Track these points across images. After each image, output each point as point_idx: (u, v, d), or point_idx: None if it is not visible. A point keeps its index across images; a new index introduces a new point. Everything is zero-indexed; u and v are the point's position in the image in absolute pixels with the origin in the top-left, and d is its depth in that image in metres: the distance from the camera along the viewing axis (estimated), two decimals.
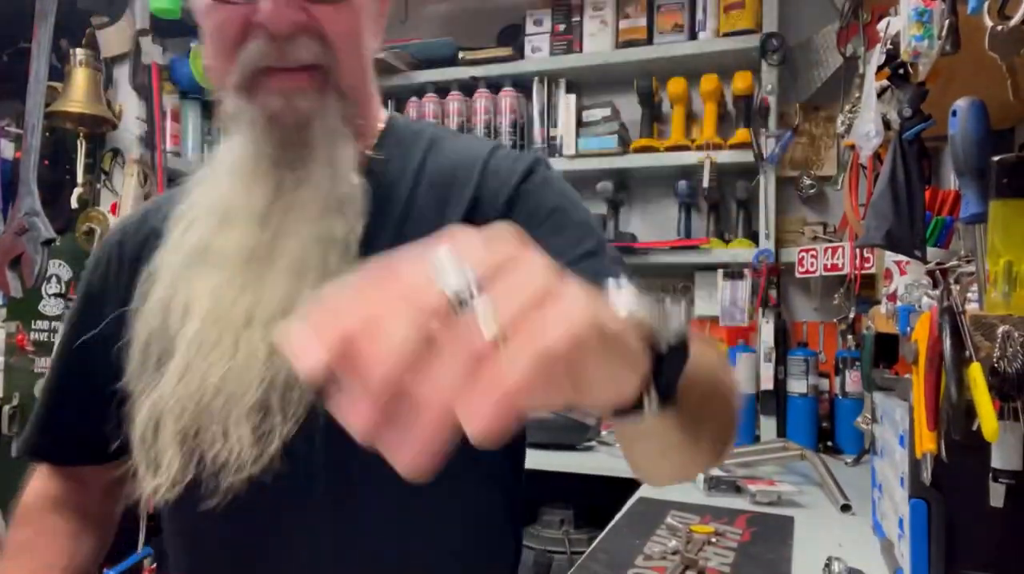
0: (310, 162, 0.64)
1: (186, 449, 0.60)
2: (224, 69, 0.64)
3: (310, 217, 0.63)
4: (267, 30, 0.61)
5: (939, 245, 1.33)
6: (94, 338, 0.70)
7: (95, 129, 2.18)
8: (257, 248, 0.62)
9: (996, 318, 0.75)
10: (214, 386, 0.59)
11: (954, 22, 0.88)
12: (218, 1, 0.62)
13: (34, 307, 2.26)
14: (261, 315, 0.59)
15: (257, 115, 0.63)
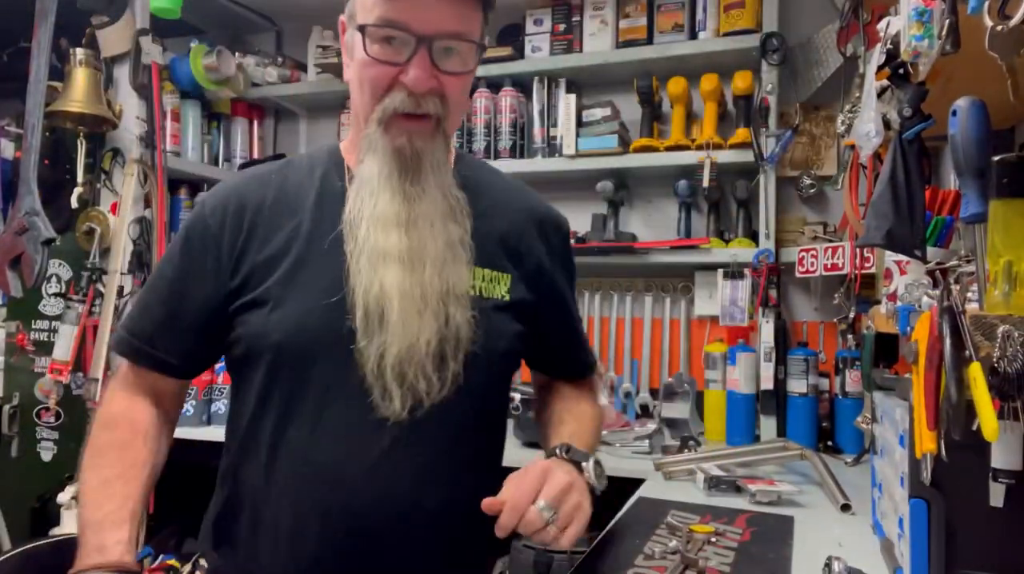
0: (423, 182, 0.91)
1: (403, 386, 0.87)
2: (370, 107, 0.90)
3: (436, 226, 0.91)
4: (408, 88, 0.87)
5: (939, 245, 1.33)
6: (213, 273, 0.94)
7: (95, 129, 2.18)
8: (411, 250, 0.89)
9: (996, 318, 0.75)
10: (418, 343, 0.87)
11: (954, 22, 0.88)
12: (378, 61, 0.87)
13: (34, 307, 2.26)
14: (430, 297, 0.88)
15: (388, 145, 0.89)
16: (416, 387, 0.88)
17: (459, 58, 0.90)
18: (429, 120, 0.90)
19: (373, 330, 0.87)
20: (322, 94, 2.67)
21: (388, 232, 0.88)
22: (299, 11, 2.73)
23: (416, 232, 0.89)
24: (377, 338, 0.87)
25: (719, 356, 2.12)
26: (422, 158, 0.90)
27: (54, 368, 2.09)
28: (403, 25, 0.86)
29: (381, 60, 0.87)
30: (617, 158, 2.24)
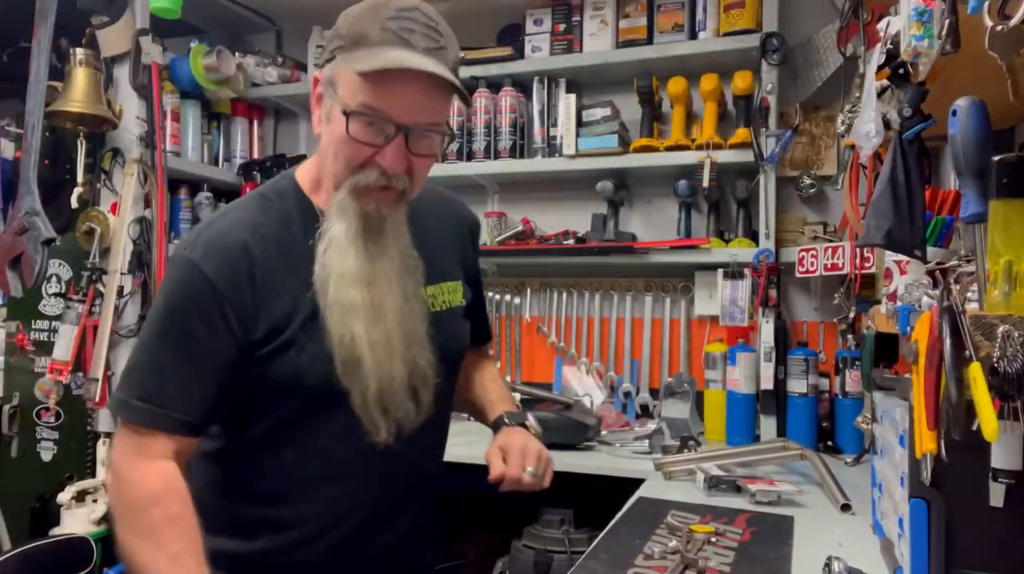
0: (384, 242, 1.01)
1: (387, 416, 1.01)
2: (343, 177, 0.98)
3: (394, 283, 1.02)
4: (382, 168, 0.96)
5: (939, 245, 1.33)
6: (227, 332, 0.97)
7: (95, 129, 2.18)
8: (373, 303, 0.99)
9: (996, 318, 0.75)
10: (393, 382, 1.00)
11: (954, 22, 0.88)
12: (357, 141, 0.95)
13: (34, 307, 2.26)
14: (394, 343, 1.01)
15: (358, 210, 0.98)
16: (398, 417, 1.02)
17: (430, 142, 0.99)
18: (394, 192, 1.00)
19: (352, 373, 0.98)
20: None
21: (352, 287, 0.98)
22: (299, 11, 2.73)
23: (376, 289, 1.00)
24: (357, 380, 0.98)
25: (719, 356, 2.12)
26: (385, 222, 1.01)
27: (54, 368, 2.09)
28: (385, 115, 0.94)
29: (361, 141, 0.95)
30: (617, 158, 2.24)
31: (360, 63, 0.92)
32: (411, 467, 1.08)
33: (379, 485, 1.06)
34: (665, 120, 2.36)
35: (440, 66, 0.94)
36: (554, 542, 1.88)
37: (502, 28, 2.52)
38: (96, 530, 2.05)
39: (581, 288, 2.47)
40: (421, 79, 0.93)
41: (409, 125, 0.95)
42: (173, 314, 0.98)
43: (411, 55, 0.92)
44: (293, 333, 0.99)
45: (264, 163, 2.66)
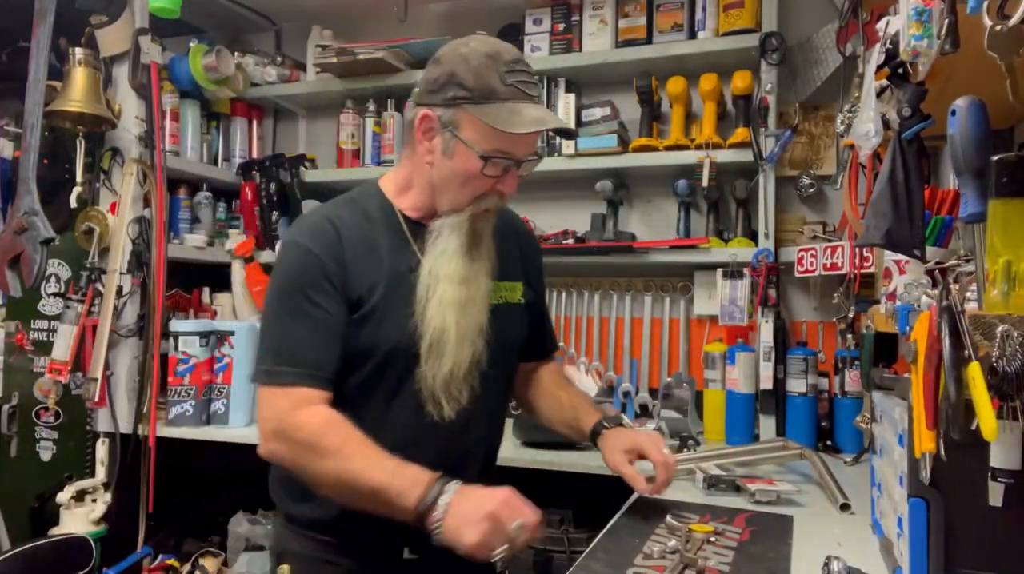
0: (481, 247, 1.21)
1: (451, 397, 1.18)
2: (466, 203, 1.18)
3: (481, 281, 1.21)
4: (501, 193, 1.20)
5: (938, 244, 1.33)
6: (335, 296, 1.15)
7: (94, 128, 2.18)
8: (465, 299, 1.18)
9: (995, 317, 0.75)
10: (462, 366, 1.18)
11: (953, 21, 0.88)
12: (487, 177, 1.17)
13: (33, 306, 2.26)
14: (472, 331, 1.19)
15: (469, 229, 1.19)
16: (457, 398, 1.19)
17: (528, 164, 1.23)
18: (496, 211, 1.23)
19: (433, 356, 1.16)
20: (321, 94, 2.67)
21: (455, 286, 1.17)
22: (299, 11, 2.73)
23: (472, 286, 1.19)
24: (433, 363, 1.16)
25: (718, 356, 2.12)
26: (484, 233, 1.22)
27: (53, 368, 2.09)
28: (512, 155, 1.17)
29: (491, 176, 1.17)
30: (616, 158, 2.24)
31: (502, 122, 1.12)
32: (469, 445, 1.21)
33: (439, 460, 1.14)
34: (664, 120, 2.36)
35: (555, 115, 1.27)
36: (554, 541, 1.88)
37: (501, 28, 2.52)
38: (95, 530, 2.05)
39: (580, 288, 2.47)
40: (539, 127, 1.16)
41: (523, 159, 1.19)
42: (292, 289, 1.16)
43: (539, 112, 1.17)
44: (373, 305, 1.16)
45: (263, 163, 2.66)
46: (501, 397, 1.36)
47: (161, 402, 2.19)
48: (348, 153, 2.63)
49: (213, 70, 2.42)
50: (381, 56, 2.40)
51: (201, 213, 2.58)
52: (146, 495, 2.15)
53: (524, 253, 1.40)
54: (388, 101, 2.58)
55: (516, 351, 1.35)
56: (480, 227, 1.20)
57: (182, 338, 2.15)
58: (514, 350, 1.34)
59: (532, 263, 1.42)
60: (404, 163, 1.27)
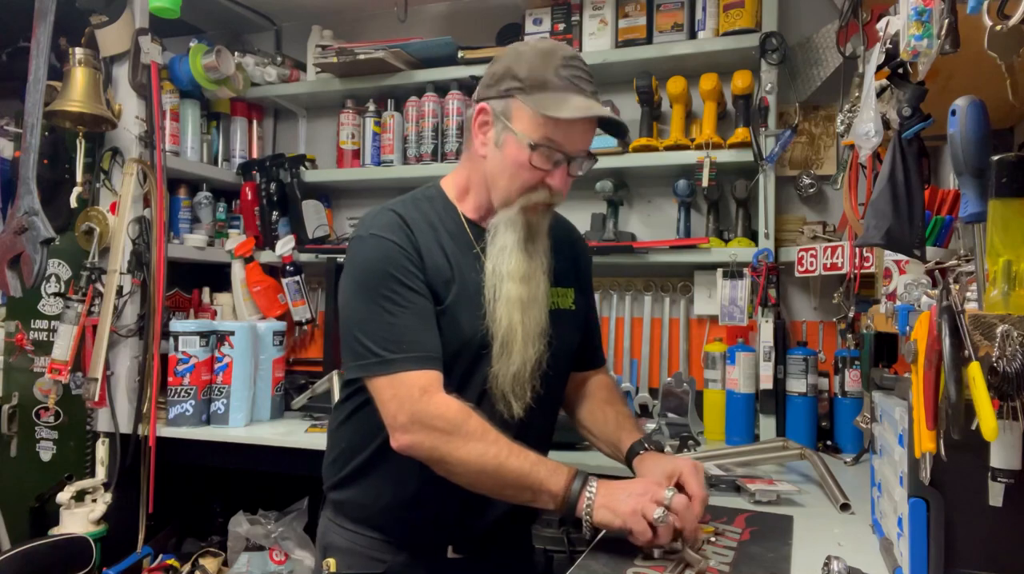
0: (538, 244, 1.22)
1: (517, 397, 1.19)
2: (515, 196, 1.19)
3: (540, 278, 1.22)
4: (552, 189, 1.19)
5: (938, 244, 1.33)
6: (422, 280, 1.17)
7: (94, 128, 2.18)
8: (528, 297, 1.19)
9: (995, 317, 0.75)
10: (528, 365, 1.19)
11: (953, 21, 0.88)
12: (535, 168, 1.17)
13: (33, 306, 2.26)
14: (535, 331, 1.20)
15: (523, 222, 1.20)
16: (523, 397, 1.20)
17: (582, 165, 1.22)
18: (552, 206, 1.23)
19: (504, 355, 1.18)
20: (321, 94, 2.67)
21: (518, 284, 1.18)
22: (298, 11, 2.73)
23: (532, 284, 1.20)
24: (504, 362, 1.18)
25: (718, 356, 2.12)
26: (539, 228, 1.23)
27: (53, 368, 2.09)
28: (561, 147, 1.17)
29: (539, 168, 1.17)
30: (616, 158, 2.24)
31: (550, 108, 1.12)
32: (531, 445, 1.15)
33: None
34: (664, 120, 2.36)
35: (606, 109, 1.18)
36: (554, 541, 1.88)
37: (501, 28, 2.52)
38: (95, 530, 2.05)
39: None
40: (590, 119, 1.17)
41: (575, 155, 1.19)
42: (381, 279, 1.15)
43: (589, 102, 1.15)
44: (447, 304, 1.18)
45: (263, 163, 2.66)
46: (556, 401, 1.37)
47: (161, 402, 2.19)
48: (348, 153, 2.63)
49: (213, 70, 2.42)
50: (381, 56, 2.40)
51: (201, 213, 2.58)
52: (146, 495, 2.15)
53: (577, 261, 1.39)
54: (388, 101, 2.58)
55: (572, 356, 1.35)
56: (534, 222, 1.20)
57: (182, 338, 2.16)
58: (570, 355, 1.34)
59: (584, 272, 1.42)
60: (463, 164, 1.29)
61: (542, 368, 1.21)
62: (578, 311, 1.35)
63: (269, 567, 2.24)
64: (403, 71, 2.48)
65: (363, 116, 2.62)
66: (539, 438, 1.29)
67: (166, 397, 2.17)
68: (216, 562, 2.28)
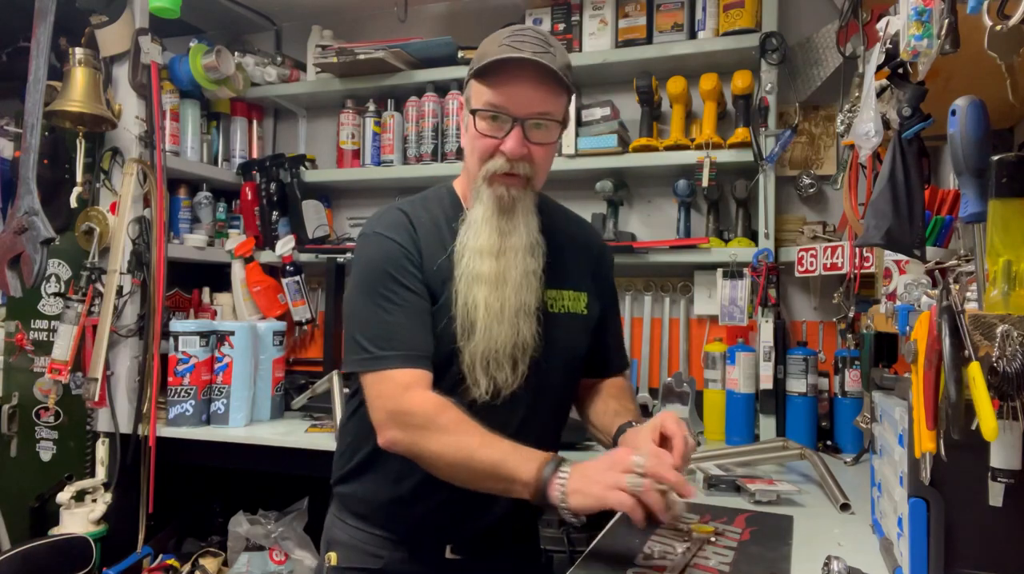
0: (515, 221, 1.18)
1: (487, 376, 1.15)
2: (478, 168, 1.18)
3: (519, 257, 1.17)
4: (506, 155, 1.15)
5: (938, 244, 1.33)
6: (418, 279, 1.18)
7: (94, 128, 2.18)
8: (497, 273, 1.16)
9: (995, 317, 0.75)
10: (496, 345, 1.14)
11: (953, 21, 0.88)
12: (484, 135, 1.16)
13: (33, 306, 2.26)
14: (506, 310, 1.15)
15: (490, 195, 1.17)
16: (496, 379, 1.15)
17: (545, 131, 1.17)
18: (520, 178, 1.18)
19: (467, 334, 1.15)
20: (321, 93, 2.67)
21: (483, 259, 1.16)
22: (298, 11, 2.73)
23: (504, 259, 1.16)
24: (470, 341, 1.14)
25: (718, 356, 2.12)
26: (516, 204, 1.18)
27: (53, 368, 2.09)
28: (503, 109, 1.14)
29: (486, 135, 1.16)
30: (616, 158, 2.24)
31: (479, 69, 1.13)
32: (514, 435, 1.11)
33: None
34: (664, 120, 2.36)
35: (542, 58, 1.11)
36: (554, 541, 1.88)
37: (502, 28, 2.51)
38: (95, 530, 2.05)
39: None
40: (528, 74, 1.12)
41: (523, 116, 1.14)
42: (379, 277, 1.17)
43: (517, 53, 1.11)
44: (439, 299, 1.17)
45: (263, 163, 2.66)
46: (558, 402, 1.32)
47: (161, 402, 2.19)
48: (348, 153, 2.63)
49: (213, 70, 2.42)
50: (381, 56, 2.40)
51: (201, 213, 2.58)
52: (146, 495, 2.15)
53: (595, 265, 1.35)
54: (388, 101, 2.58)
55: (580, 361, 1.31)
56: (504, 196, 1.17)
57: (182, 338, 2.16)
58: (577, 360, 1.30)
59: (603, 277, 1.38)
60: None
61: (532, 356, 1.17)
62: (590, 317, 1.31)
63: (269, 567, 2.25)
64: (403, 71, 2.48)
65: (363, 116, 2.62)
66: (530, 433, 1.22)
67: (166, 397, 2.17)
68: (216, 562, 2.28)
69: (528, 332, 1.17)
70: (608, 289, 1.39)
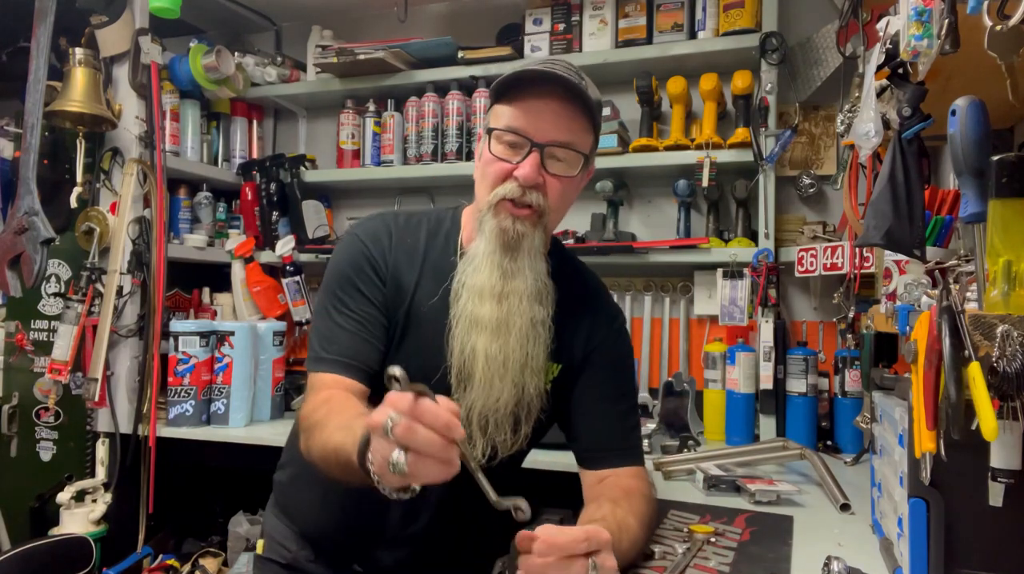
0: (520, 261, 1.06)
1: (485, 437, 1.05)
2: (486, 194, 1.06)
3: (524, 304, 1.05)
4: (518, 180, 1.04)
5: (938, 244, 1.33)
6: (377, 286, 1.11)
7: (94, 128, 2.18)
8: (499, 319, 1.04)
9: (995, 317, 0.75)
10: (498, 403, 1.04)
11: (953, 21, 0.88)
12: (498, 158, 1.05)
13: (33, 307, 2.26)
14: (510, 364, 1.04)
15: (494, 226, 1.05)
16: (495, 439, 1.06)
17: (565, 165, 1.07)
18: (531, 211, 1.06)
19: (464, 386, 1.06)
20: (321, 94, 2.67)
21: (483, 302, 1.05)
22: (298, 11, 2.73)
23: (507, 304, 1.05)
24: (468, 394, 1.05)
25: (718, 356, 2.12)
26: (522, 241, 1.06)
27: (53, 368, 2.09)
28: (523, 132, 1.04)
29: (500, 158, 1.06)
30: (616, 158, 2.24)
31: (500, 83, 1.05)
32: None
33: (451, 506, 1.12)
34: (664, 120, 2.36)
35: (570, 81, 1.02)
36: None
37: (502, 28, 2.52)
38: (95, 530, 2.05)
39: None
40: (555, 97, 1.04)
41: (543, 143, 1.04)
42: (340, 278, 1.12)
43: (549, 68, 1.02)
44: (398, 324, 1.11)
45: (263, 163, 2.65)
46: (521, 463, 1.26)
47: (161, 402, 2.19)
48: (348, 153, 2.63)
49: (213, 70, 2.42)
50: (381, 56, 2.40)
51: (201, 213, 2.58)
52: (146, 495, 2.15)
53: (585, 342, 1.17)
54: (388, 101, 2.58)
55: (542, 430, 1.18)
56: (510, 231, 1.04)
57: (182, 338, 2.16)
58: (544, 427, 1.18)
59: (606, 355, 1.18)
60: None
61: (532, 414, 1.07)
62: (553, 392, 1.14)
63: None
64: (403, 71, 2.48)
65: (363, 116, 2.62)
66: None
67: (166, 397, 2.16)
68: (216, 562, 2.28)
69: (535, 390, 1.05)
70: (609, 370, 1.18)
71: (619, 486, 1.11)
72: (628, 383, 1.22)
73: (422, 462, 0.71)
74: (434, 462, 0.72)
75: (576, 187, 1.12)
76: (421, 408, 0.71)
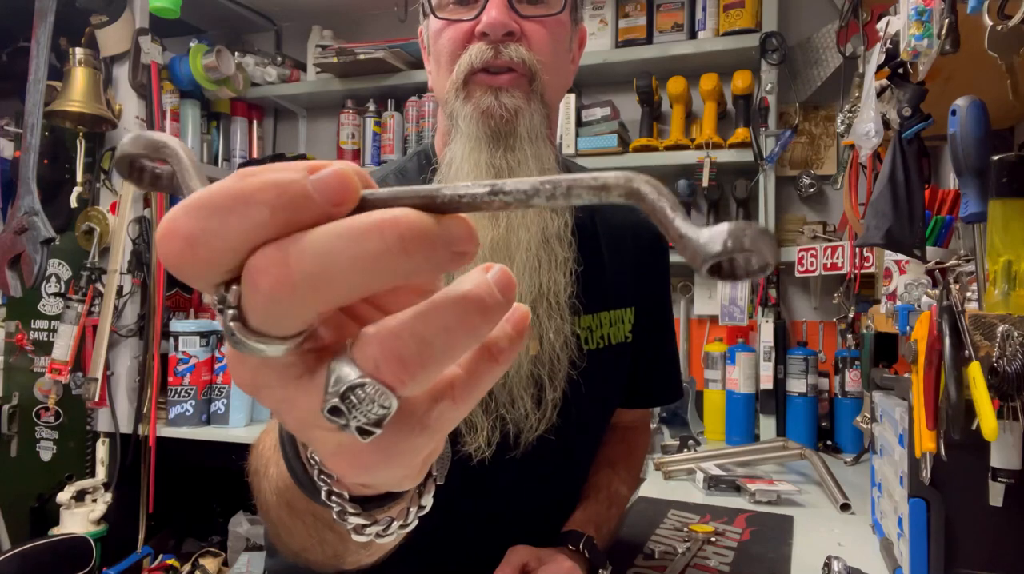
0: (518, 151, 0.76)
1: (492, 416, 0.73)
2: (445, 78, 0.77)
3: (531, 212, 0.74)
4: (486, 36, 0.75)
5: (939, 244, 1.33)
6: None
7: (94, 128, 2.18)
8: (495, 241, 0.73)
9: (995, 317, 0.75)
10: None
11: (954, 21, 0.88)
12: (450, 21, 0.76)
13: (33, 306, 2.26)
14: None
15: (472, 111, 0.75)
16: (505, 417, 0.73)
17: (542, 3, 0.79)
18: (516, 73, 0.76)
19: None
20: (322, 93, 2.67)
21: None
22: (299, 11, 2.73)
23: (505, 218, 0.74)
24: None
25: (718, 356, 2.12)
26: (517, 119, 0.75)
27: (53, 368, 2.09)
28: None
29: (452, 19, 0.78)
30: (616, 158, 2.24)
31: None
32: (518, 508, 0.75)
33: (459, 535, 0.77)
34: (664, 120, 2.36)
35: None
36: None
37: None
38: (95, 530, 2.05)
39: None
40: None
41: None
42: None
43: None
44: None
45: (264, 162, 2.65)
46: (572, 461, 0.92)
47: (161, 402, 2.19)
48: (348, 153, 2.63)
49: (213, 70, 2.42)
50: (381, 56, 2.40)
51: None
52: (146, 495, 2.15)
53: (646, 264, 0.95)
54: (388, 101, 2.58)
55: (609, 408, 0.94)
56: (491, 108, 0.76)
57: (182, 338, 2.15)
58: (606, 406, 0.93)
59: (652, 284, 0.97)
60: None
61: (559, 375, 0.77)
62: (635, 343, 0.92)
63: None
64: (403, 71, 2.48)
65: (363, 116, 2.62)
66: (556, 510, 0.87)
67: (166, 397, 2.16)
68: (216, 562, 2.28)
69: (559, 337, 0.75)
70: (660, 300, 0.98)
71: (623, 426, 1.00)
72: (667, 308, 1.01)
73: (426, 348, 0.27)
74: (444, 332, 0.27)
75: (567, 34, 0.84)
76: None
